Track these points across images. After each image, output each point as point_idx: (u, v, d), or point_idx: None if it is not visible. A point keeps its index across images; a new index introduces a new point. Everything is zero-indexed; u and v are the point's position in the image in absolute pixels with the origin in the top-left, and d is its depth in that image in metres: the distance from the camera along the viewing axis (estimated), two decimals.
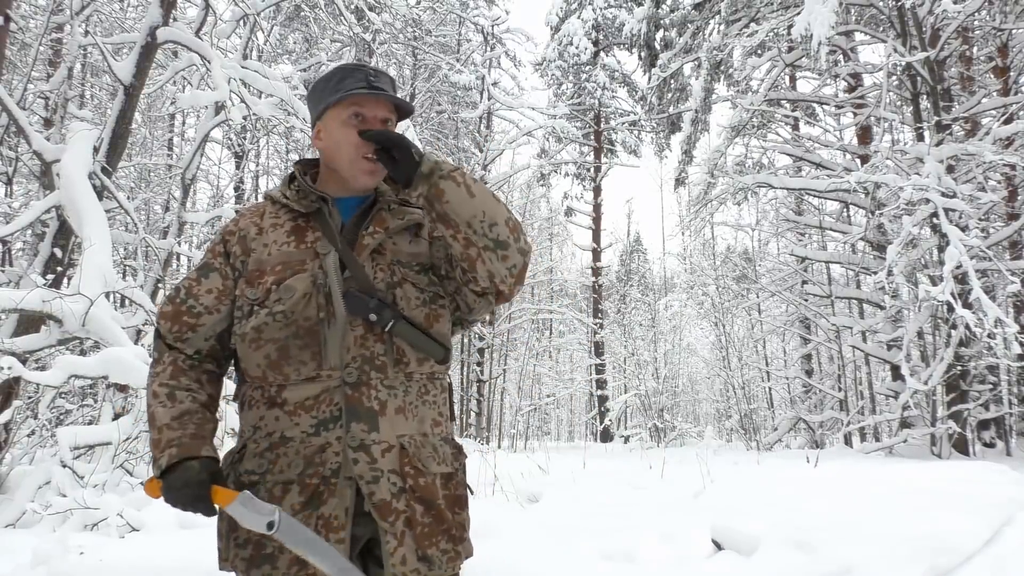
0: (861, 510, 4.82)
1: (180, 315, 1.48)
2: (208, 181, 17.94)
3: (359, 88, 1.49)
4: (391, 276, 1.46)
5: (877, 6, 12.73)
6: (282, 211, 1.52)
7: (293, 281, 1.41)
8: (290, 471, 1.35)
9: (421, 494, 1.38)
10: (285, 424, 1.38)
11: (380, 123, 1.50)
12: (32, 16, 11.47)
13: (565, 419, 33.43)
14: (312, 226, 1.49)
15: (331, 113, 1.52)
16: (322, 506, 1.33)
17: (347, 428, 1.35)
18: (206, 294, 1.48)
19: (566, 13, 23.88)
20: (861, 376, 16.43)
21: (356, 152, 1.48)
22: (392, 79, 1.57)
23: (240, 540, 1.36)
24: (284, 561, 1.32)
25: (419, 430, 1.43)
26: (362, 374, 1.38)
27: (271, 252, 1.46)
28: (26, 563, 3.54)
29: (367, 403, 1.37)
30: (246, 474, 1.39)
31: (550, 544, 3.59)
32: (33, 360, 5.91)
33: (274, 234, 1.49)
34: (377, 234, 1.48)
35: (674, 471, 8.00)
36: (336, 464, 1.34)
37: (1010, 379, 13.20)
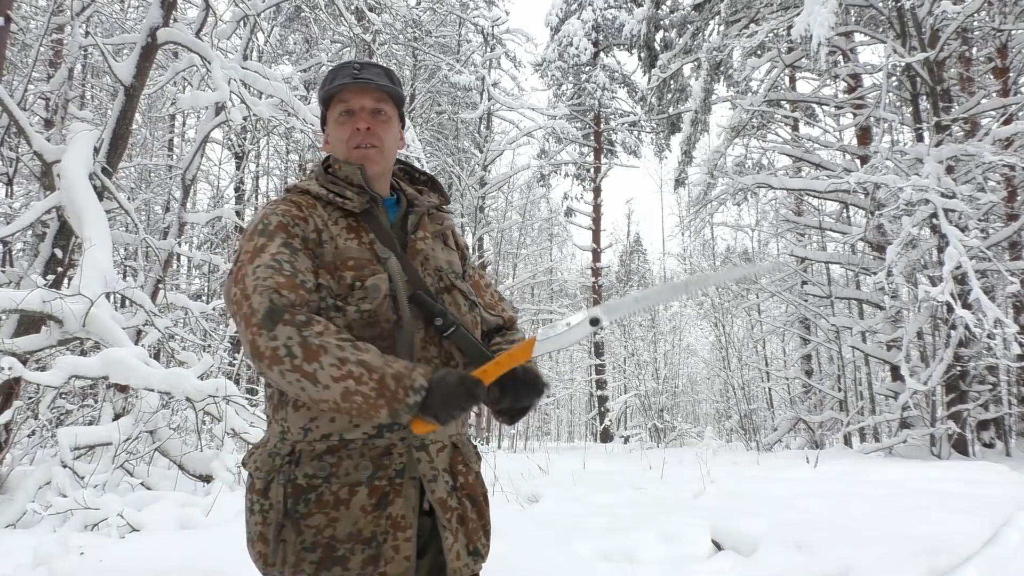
0: (861, 510, 4.83)
1: (297, 287, 1.34)
2: (208, 182, 17.95)
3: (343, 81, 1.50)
4: (439, 282, 1.49)
5: (877, 7, 12.74)
6: (329, 207, 1.48)
7: (376, 280, 1.40)
8: (357, 473, 1.36)
9: (468, 491, 1.46)
10: (344, 426, 1.37)
11: (368, 113, 1.50)
12: (32, 17, 11.48)
13: (565, 419, 33.43)
14: (364, 226, 1.47)
15: (328, 115, 1.55)
16: (390, 506, 1.35)
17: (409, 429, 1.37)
18: (307, 271, 1.38)
19: (566, 14, 23.90)
20: (861, 376, 16.43)
21: (347, 147, 1.50)
22: (384, 69, 1.55)
23: (306, 544, 1.33)
24: (357, 561, 1.32)
25: (456, 430, 1.49)
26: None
27: (338, 246, 1.43)
28: (26, 563, 3.55)
29: None
30: (305, 478, 1.35)
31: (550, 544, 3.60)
32: (34, 360, 5.91)
33: (335, 228, 1.45)
34: (427, 239, 1.52)
35: (674, 471, 8.01)
36: (401, 465, 1.38)
37: (1009, 379, 13.20)
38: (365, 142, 1.50)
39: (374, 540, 1.34)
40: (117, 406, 5.85)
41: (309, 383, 1.26)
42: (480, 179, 18.26)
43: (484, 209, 18.79)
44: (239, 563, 3.27)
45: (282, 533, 1.35)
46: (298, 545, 1.34)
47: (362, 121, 1.50)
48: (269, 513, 1.37)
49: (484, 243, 19.20)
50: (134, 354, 5.36)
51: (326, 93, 1.53)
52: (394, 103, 1.55)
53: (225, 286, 1.43)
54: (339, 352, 1.27)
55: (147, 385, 5.33)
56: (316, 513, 1.34)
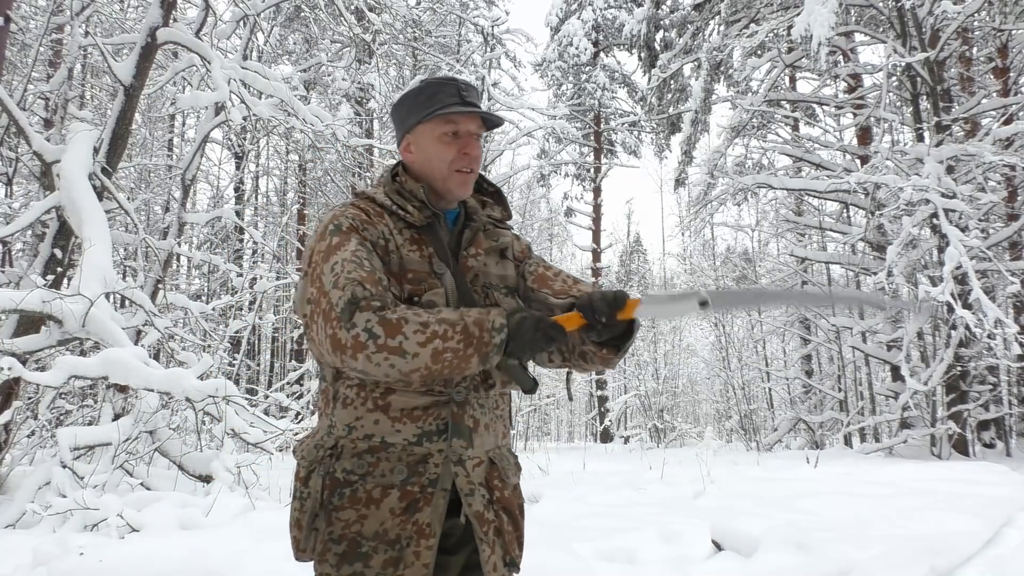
0: (861, 510, 4.83)
1: (377, 282, 1.38)
2: (208, 182, 17.96)
3: (453, 104, 1.50)
4: (484, 299, 1.52)
5: (877, 7, 12.74)
6: (393, 218, 1.51)
7: (432, 296, 1.44)
8: (392, 476, 1.39)
9: (505, 504, 1.49)
10: (386, 429, 1.41)
11: (473, 138, 1.53)
12: (32, 17, 11.47)
13: (565, 420, 33.44)
14: (424, 240, 1.50)
15: (422, 128, 1.53)
16: (418, 513, 1.38)
17: (450, 443, 1.42)
18: (381, 271, 1.42)
19: (566, 14, 23.90)
20: (861, 377, 16.44)
21: (450, 168, 1.51)
22: (477, 90, 1.57)
23: (334, 535, 1.39)
24: (378, 560, 1.36)
25: (495, 443, 1.52)
26: (468, 393, 1.45)
27: (402, 256, 1.46)
28: (26, 564, 3.54)
29: (466, 421, 1.45)
30: (344, 472, 1.41)
31: (550, 545, 3.59)
32: (33, 361, 5.91)
33: (399, 239, 1.48)
34: (479, 256, 1.55)
35: (674, 472, 8.00)
36: (435, 475, 1.41)
37: (1010, 380, 13.20)
38: (469, 167, 1.52)
39: (398, 543, 1.37)
40: (117, 406, 5.84)
41: (398, 357, 1.31)
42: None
43: None
44: (239, 563, 3.28)
45: (315, 522, 1.41)
46: (326, 535, 1.40)
47: (472, 148, 1.52)
48: (307, 501, 1.43)
49: None
50: (134, 354, 5.36)
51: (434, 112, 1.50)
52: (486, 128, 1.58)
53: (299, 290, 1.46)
54: (418, 318, 1.32)
55: (147, 385, 5.33)
56: (348, 508, 1.39)
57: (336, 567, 1.38)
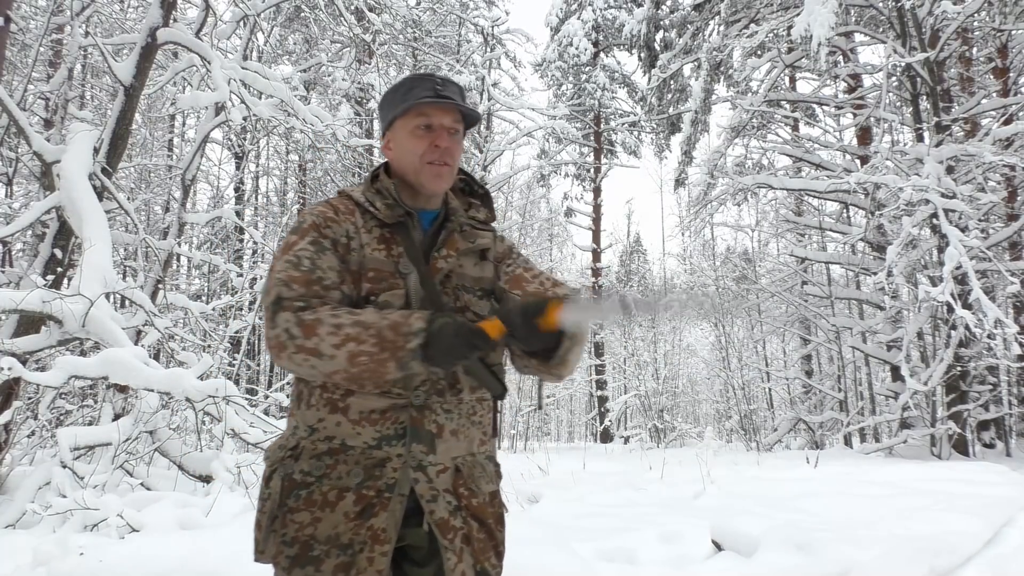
0: (861, 510, 4.83)
1: (312, 283, 1.38)
2: (208, 182, 17.96)
3: (426, 96, 1.49)
4: (455, 301, 1.48)
5: (877, 7, 12.74)
6: (367, 216, 1.50)
7: (390, 296, 1.42)
8: (348, 479, 1.37)
9: (475, 512, 1.44)
10: (347, 432, 1.39)
11: (446, 131, 1.51)
12: (32, 17, 11.47)
13: (565, 420, 33.44)
14: (395, 239, 1.48)
15: (399, 123, 1.53)
16: (373, 518, 1.35)
17: (409, 448, 1.39)
18: (329, 270, 1.41)
19: (566, 14, 23.90)
20: (861, 377, 16.43)
21: (421, 161, 1.50)
22: (460, 88, 1.56)
23: (287, 538, 1.36)
24: (330, 565, 1.33)
25: (468, 450, 1.47)
26: (428, 398, 1.41)
27: (366, 256, 1.45)
28: (26, 564, 3.54)
29: (428, 426, 1.41)
30: (301, 474, 1.39)
31: (550, 545, 3.60)
32: (33, 361, 5.91)
33: (367, 237, 1.47)
34: (450, 258, 1.50)
35: (674, 472, 8.00)
36: (392, 479, 1.38)
37: (1010, 380, 13.21)
38: (440, 160, 1.50)
39: (351, 548, 1.34)
40: (117, 406, 5.84)
41: (315, 358, 1.31)
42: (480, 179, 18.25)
43: None
44: (239, 563, 3.27)
45: (274, 524, 1.39)
46: (280, 537, 1.37)
47: (442, 139, 1.50)
48: (267, 502, 1.41)
49: None
50: (134, 354, 5.36)
51: (407, 105, 1.50)
52: (465, 124, 1.56)
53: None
54: (333, 320, 1.31)
55: (147, 385, 5.33)
56: (303, 510, 1.36)
57: (288, 570, 1.36)
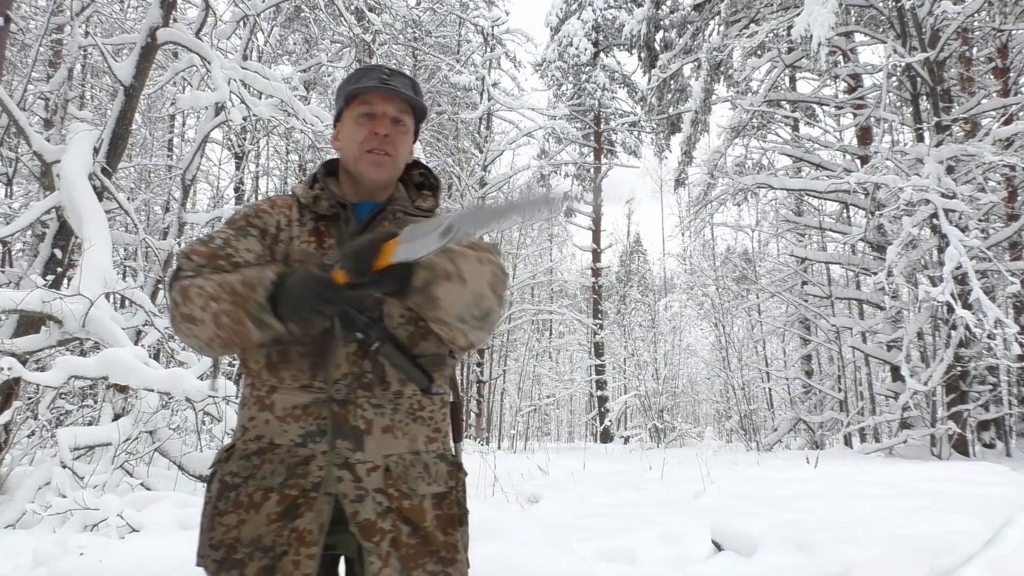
0: (861, 510, 4.83)
1: (216, 256, 1.38)
2: (208, 182, 17.94)
3: (369, 84, 1.47)
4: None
5: (877, 7, 12.74)
6: (305, 211, 1.49)
7: None
8: (272, 479, 1.32)
9: (407, 515, 1.34)
10: (275, 430, 1.36)
11: (390, 120, 1.48)
12: (32, 17, 11.48)
13: (565, 420, 33.43)
14: (330, 231, 1.46)
15: (345, 113, 1.52)
16: (298, 519, 1.30)
17: (332, 444, 1.33)
18: (246, 251, 1.41)
19: (566, 14, 23.90)
20: (861, 377, 16.44)
21: (360, 149, 1.47)
22: (411, 81, 1.54)
23: (214, 541, 1.32)
24: (253, 568, 1.28)
25: (410, 448, 1.39)
26: (351, 392, 1.35)
27: (294, 248, 1.44)
28: (26, 564, 3.54)
29: (353, 421, 1.34)
30: (231, 475, 1.36)
31: (550, 545, 3.59)
32: (33, 361, 5.91)
33: (298, 230, 1.46)
34: None
35: (674, 472, 8.00)
36: (318, 478, 1.32)
37: (1010, 380, 13.20)
38: (380, 148, 1.47)
39: (273, 550, 1.29)
40: (117, 406, 5.84)
41: (192, 324, 1.31)
42: (480, 179, 18.27)
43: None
44: None
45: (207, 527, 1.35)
46: (208, 540, 1.34)
47: (382, 127, 1.47)
48: (207, 506, 1.38)
49: None
50: (134, 354, 5.36)
51: (350, 92, 1.49)
52: (414, 117, 1.53)
53: None
54: (202, 282, 1.30)
55: (147, 385, 5.33)
56: (231, 512, 1.33)
57: (214, 574, 1.32)
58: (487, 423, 17.36)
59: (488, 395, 17.72)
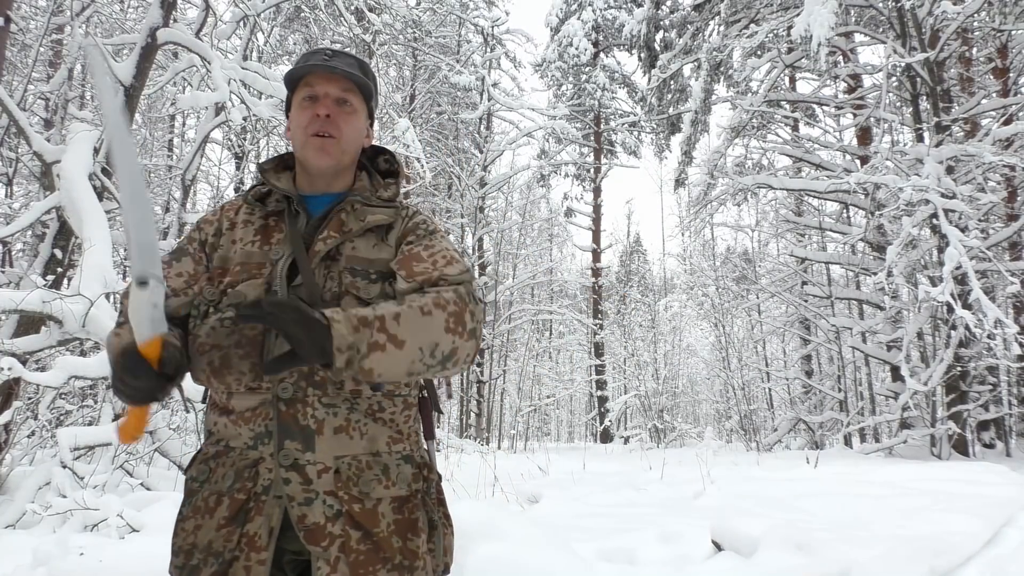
0: (861, 510, 4.83)
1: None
2: (208, 182, 17.92)
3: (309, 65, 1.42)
4: (338, 285, 1.34)
5: (877, 7, 12.74)
6: (256, 208, 1.44)
7: (245, 287, 1.34)
8: (223, 483, 1.30)
9: (358, 519, 1.28)
10: (232, 433, 1.33)
11: (332, 100, 1.42)
12: (32, 17, 11.48)
13: (565, 420, 33.43)
14: (279, 227, 1.40)
15: (293, 101, 1.46)
16: (248, 523, 1.26)
17: (280, 445, 1.28)
18: (176, 277, 1.40)
19: (566, 14, 23.91)
20: (861, 377, 16.43)
21: (305, 134, 1.41)
22: (358, 60, 1.47)
23: (175, 547, 1.31)
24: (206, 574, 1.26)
25: (369, 449, 1.32)
26: (298, 390, 1.29)
27: (236, 251, 1.39)
28: (26, 564, 3.54)
29: (302, 421, 1.28)
30: (191, 480, 1.34)
31: (550, 545, 3.59)
32: (33, 361, 5.91)
33: (243, 231, 1.41)
34: (331, 239, 1.37)
35: (674, 472, 8.00)
36: (268, 481, 1.28)
37: (1010, 380, 13.21)
38: (323, 130, 1.40)
39: (222, 556, 1.25)
40: (117, 406, 5.84)
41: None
42: (480, 179, 18.27)
43: (484, 209, 18.80)
44: None
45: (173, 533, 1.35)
46: (173, 546, 1.33)
47: (323, 107, 1.41)
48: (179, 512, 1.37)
49: (484, 243, 19.22)
50: None
51: (292, 75, 1.44)
52: (362, 95, 1.46)
53: None
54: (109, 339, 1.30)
55: None
56: (191, 517, 1.31)
57: None
58: (487, 423, 17.35)
59: (488, 395, 17.71)
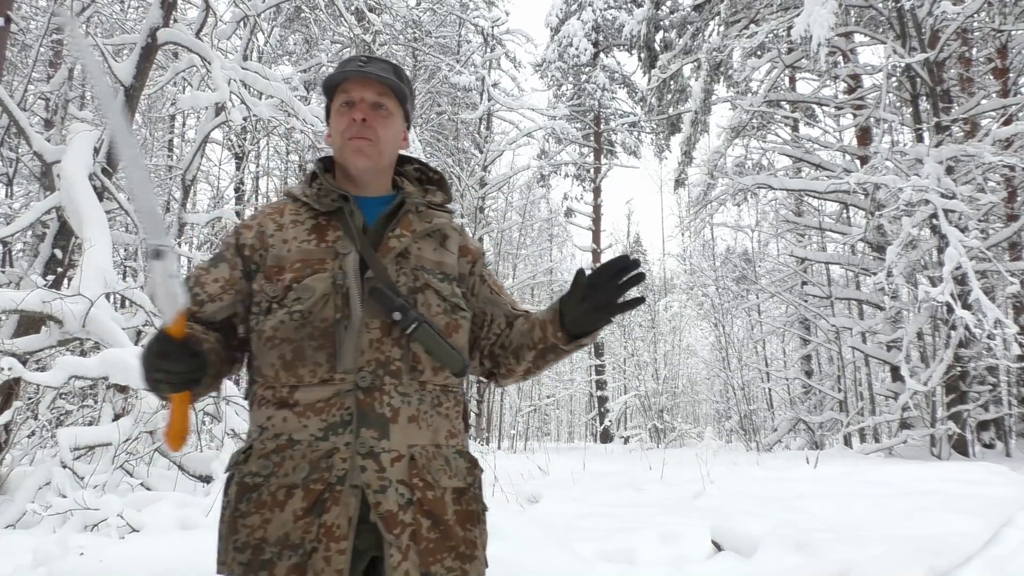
0: (861, 510, 4.84)
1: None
2: (208, 182, 17.95)
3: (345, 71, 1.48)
4: (414, 281, 1.41)
5: (876, 7, 12.74)
6: (303, 209, 1.49)
7: (312, 280, 1.37)
8: (295, 475, 1.30)
9: (429, 508, 1.33)
10: (294, 426, 1.33)
11: (368, 105, 1.48)
12: (33, 17, 11.48)
13: (565, 420, 33.43)
14: (333, 225, 1.45)
15: (332, 108, 1.52)
16: (325, 514, 1.28)
17: (357, 434, 1.31)
18: (212, 283, 1.45)
19: (566, 14, 23.92)
20: (861, 377, 16.43)
21: (343, 138, 1.47)
22: (393, 65, 1.53)
23: (239, 544, 1.31)
24: (283, 568, 1.26)
25: (432, 441, 1.38)
26: (376, 379, 1.34)
27: (290, 249, 1.42)
28: (26, 564, 3.54)
29: (379, 409, 1.33)
30: (250, 476, 1.34)
31: (550, 545, 3.60)
32: (33, 361, 5.91)
33: (294, 231, 1.45)
34: (404, 237, 1.45)
35: (674, 472, 8.00)
36: (343, 471, 1.29)
37: (1009, 380, 13.21)
38: (360, 134, 1.46)
39: (302, 548, 1.26)
40: (117, 406, 5.84)
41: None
42: (480, 179, 18.27)
43: (484, 209, 18.80)
44: None
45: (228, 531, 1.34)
46: (232, 544, 1.32)
47: (359, 112, 1.47)
48: (225, 510, 1.37)
49: (484, 243, 19.22)
50: (134, 354, 5.35)
51: (329, 83, 1.50)
52: (398, 99, 1.51)
53: None
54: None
55: None
56: (254, 513, 1.31)
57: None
58: (487, 423, 17.35)
59: (488, 395, 17.71)
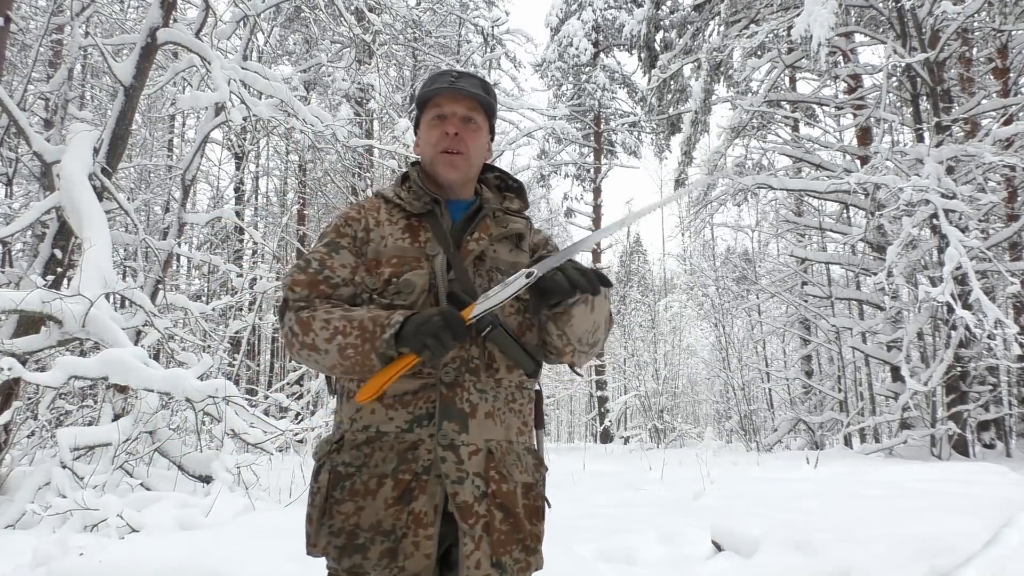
0: (861, 511, 4.83)
1: (317, 283, 1.49)
2: (208, 182, 17.95)
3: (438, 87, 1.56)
4: (489, 283, 1.49)
5: (877, 7, 12.74)
6: (395, 210, 1.57)
7: (413, 276, 1.46)
8: (385, 466, 1.39)
9: (502, 500, 1.42)
10: (381, 418, 1.42)
11: (459, 119, 1.55)
12: (32, 17, 11.47)
13: (565, 420, 33.44)
14: (424, 226, 1.53)
15: (422, 120, 1.61)
16: (413, 502, 1.37)
17: (439, 426, 1.40)
18: (340, 267, 1.51)
19: (566, 14, 23.91)
20: (861, 377, 16.43)
21: (435, 150, 1.56)
22: (481, 80, 1.61)
23: (334, 529, 1.40)
24: (375, 552, 1.36)
25: (505, 436, 1.47)
26: (458, 375, 1.43)
27: (387, 244, 1.51)
28: (26, 564, 3.54)
29: (459, 404, 1.42)
30: (343, 465, 1.42)
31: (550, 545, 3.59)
32: (33, 361, 5.91)
33: (390, 228, 1.53)
34: (481, 240, 1.53)
35: (674, 472, 8.01)
36: (428, 461, 1.39)
37: (1010, 380, 13.20)
38: (452, 147, 1.54)
39: (393, 533, 1.36)
40: (117, 407, 5.84)
41: (314, 353, 1.42)
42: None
43: None
44: (239, 563, 3.27)
45: (323, 517, 1.43)
46: (327, 529, 1.41)
47: (451, 126, 1.55)
48: (316, 496, 1.45)
49: None
50: (134, 354, 5.36)
51: (422, 97, 1.59)
52: (486, 113, 1.60)
53: None
54: (325, 316, 1.42)
55: (147, 386, 5.33)
56: (347, 500, 1.40)
57: (337, 560, 1.40)
58: None
59: None
